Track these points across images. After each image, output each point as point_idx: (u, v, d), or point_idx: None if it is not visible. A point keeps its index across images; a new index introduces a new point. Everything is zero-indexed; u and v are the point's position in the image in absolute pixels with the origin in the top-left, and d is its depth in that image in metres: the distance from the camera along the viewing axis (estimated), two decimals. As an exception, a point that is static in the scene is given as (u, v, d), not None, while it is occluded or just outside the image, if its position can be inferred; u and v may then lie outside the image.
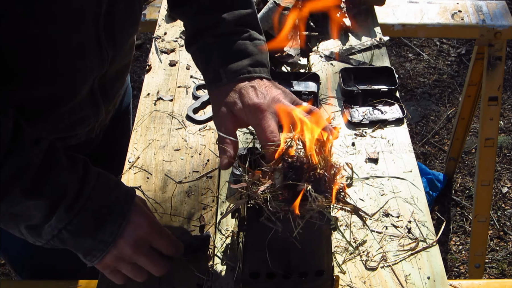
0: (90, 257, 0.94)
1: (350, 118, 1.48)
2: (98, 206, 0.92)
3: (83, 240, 0.92)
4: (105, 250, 0.93)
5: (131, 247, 0.94)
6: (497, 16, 1.99)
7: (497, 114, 2.14)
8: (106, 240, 0.92)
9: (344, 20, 1.77)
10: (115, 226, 0.92)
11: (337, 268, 1.13)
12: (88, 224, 0.91)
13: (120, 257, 0.95)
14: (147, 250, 0.97)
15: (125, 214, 0.94)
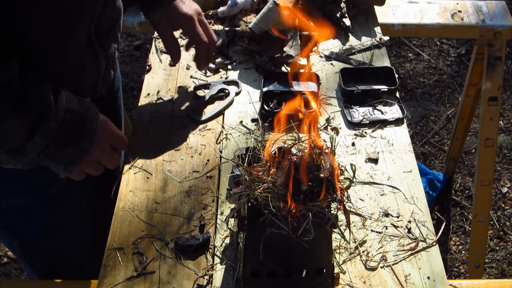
0: (70, 167, 1.07)
1: (350, 118, 1.48)
2: (76, 116, 1.05)
3: (66, 151, 1.05)
4: (84, 156, 1.07)
5: (100, 150, 1.11)
6: (497, 16, 1.99)
7: (497, 114, 2.14)
8: (85, 147, 1.06)
9: (344, 20, 1.78)
10: (91, 132, 1.07)
11: (337, 268, 1.13)
12: (70, 134, 1.04)
13: (92, 160, 1.10)
14: (110, 150, 1.15)
15: (96, 121, 1.08)
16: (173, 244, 1.18)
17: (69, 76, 1.24)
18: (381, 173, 1.34)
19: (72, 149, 1.05)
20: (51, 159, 1.06)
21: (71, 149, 1.05)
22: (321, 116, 1.49)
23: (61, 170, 1.09)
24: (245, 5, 1.75)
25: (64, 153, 1.05)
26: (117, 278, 1.12)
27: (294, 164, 0.93)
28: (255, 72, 1.64)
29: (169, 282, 1.11)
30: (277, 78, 1.58)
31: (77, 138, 1.06)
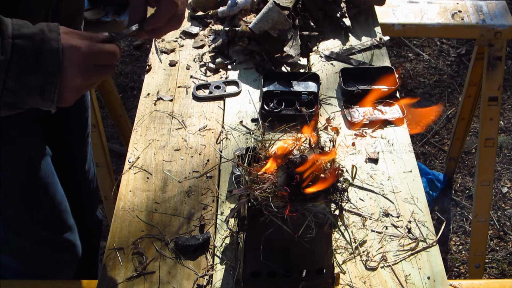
0: (48, 94, 0.96)
1: (350, 118, 1.48)
2: (29, 40, 0.94)
3: (30, 79, 0.94)
4: (56, 81, 0.96)
5: (80, 75, 0.98)
6: (497, 16, 1.99)
7: (497, 114, 2.13)
8: (51, 71, 0.95)
9: (344, 20, 1.78)
10: (53, 52, 0.95)
11: (337, 268, 1.13)
12: (27, 61, 0.94)
13: (77, 87, 0.99)
14: (94, 69, 1.01)
15: (57, 39, 0.96)
16: (173, 244, 1.18)
17: None
18: (381, 173, 1.34)
19: (35, 76, 0.95)
20: (19, 93, 0.95)
21: (34, 76, 0.95)
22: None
23: (41, 102, 0.98)
24: (245, 5, 1.75)
25: (29, 82, 0.95)
26: (117, 278, 1.12)
27: (294, 164, 0.93)
28: (255, 72, 1.64)
29: (169, 282, 1.11)
30: (277, 78, 1.58)
31: (37, 63, 0.95)
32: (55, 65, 0.95)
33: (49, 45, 0.95)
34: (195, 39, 1.76)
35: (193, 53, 1.71)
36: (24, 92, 0.95)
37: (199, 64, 1.67)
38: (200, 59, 1.68)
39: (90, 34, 1.03)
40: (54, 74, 0.96)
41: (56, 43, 0.96)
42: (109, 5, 2.03)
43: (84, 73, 0.99)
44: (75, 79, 0.98)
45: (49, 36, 0.96)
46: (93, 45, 1.00)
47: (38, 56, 0.94)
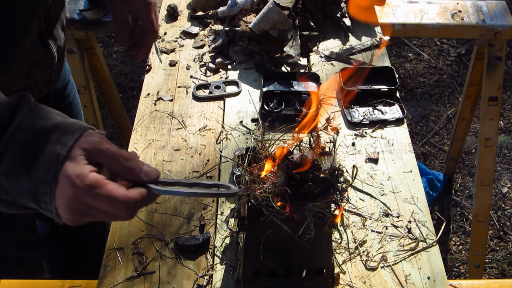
0: (44, 204, 0.77)
1: (350, 118, 1.48)
2: (31, 134, 0.76)
3: (19, 182, 0.76)
4: (50, 192, 0.75)
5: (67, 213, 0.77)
6: (497, 16, 1.99)
7: (497, 114, 2.13)
8: (44, 178, 0.75)
9: (344, 20, 1.78)
10: (51, 157, 0.75)
11: (337, 268, 1.13)
12: (19, 159, 0.75)
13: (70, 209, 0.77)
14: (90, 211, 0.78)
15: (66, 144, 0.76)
16: (173, 244, 1.18)
17: (22, 75, 1.26)
18: (381, 173, 1.34)
19: (26, 180, 0.75)
20: (12, 194, 0.77)
21: (25, 180, 0.75)
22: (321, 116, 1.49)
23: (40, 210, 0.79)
24: (245, 5, 1.75)
25: (18, 186, 0.76)
26: (117, 278, 1.12)
27: (293, 164, 0.93)
28: (255, 72, 1.64)
29: (169, 282, 1.11)
30: (277, 78, 1.58)
31: (30, 166, 0.75)
32: (49, 172, 0.75)
33: (53, 148, 0.75)
34: (195, 39, 1.76)
35: (193, 53, 1.71)
36: (15, 194, 0.77)
37: (199, 64, 1.67)
38: (200, 59, 1.68)
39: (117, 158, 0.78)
40: (47, 183, 0.75)
41: (62, 148, 0.75)
42: (109, 5, 2.03)
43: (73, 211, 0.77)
44: (64, 211, 0.76)
45: (60, 137, 0.76)
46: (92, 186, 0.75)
47: (33, 156, 0.75)
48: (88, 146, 0.77)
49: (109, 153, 0.78)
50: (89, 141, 0.77)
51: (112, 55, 3.65)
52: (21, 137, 0.75)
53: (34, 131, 0.76)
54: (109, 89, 2.43)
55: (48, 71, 1.34)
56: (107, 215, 0.78)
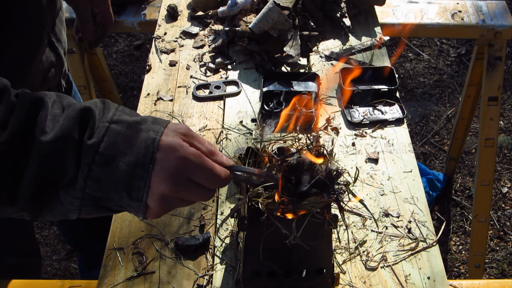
0: (136, 192, 0.80)
1: (350, 118, 1.48)
2: (126, 126, 0.81)
3: (116, 169, 0.79)
4: (145, 176, 0.79)
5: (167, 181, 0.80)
6: (497, 16, 1.99)
7: (497, 114, 2.14)
8: (142, 162, 0.79)
9: (344, 20, 1.78)
10: (148, 142, 0.80)
11: (337, 268, 1.13)
12: (117, 146, 0.79)
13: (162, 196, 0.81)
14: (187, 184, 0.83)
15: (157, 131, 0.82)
16: (173, 244, 1.18)
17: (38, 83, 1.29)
18: (381, 173, 1.34)
19: (123, 165, 0.79)
20: (104, 186, 0.80)
21: (122, 164, 0.79)
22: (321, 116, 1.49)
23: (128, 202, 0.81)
24: (245, 5, 1.75)
25: (115, 173, 0.79)
26: (117, 278, 1.12)
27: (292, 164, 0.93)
28: (255, 72, 1.64)
29: (169, 282, 1.11)
30: (277, 78, 1.58)
31: (127, 150, 0.80)
32: (147, 156, 0.79)
33: (147, 134, 0.81)
34: (195, 39, 1.76)
35: (193, 53, 1.71)
36: (109, 184, 0.80)
37: (199, 64, 1.67)
38: (200, 59, 1.68)
39: (204, 143, 0.86)
40: (145, 167, 0.79)
41: (155, 133, 0.81)
42: (109, 5, 2.03)
43: (173, 181, 0.81)
44: (161, 185, 0.80)
45: (150, 126, 0.82)
46: (197, 155, 0.82)
47: (130, 143, 0.80)
48: (179, 129, 0.84)
49: (197, 136, 0.85)
50: (179, 126, 0.85)
51: (112, 55, 3.65)
52: (116, 129, 0.80)
53: (127, 123, 0.82)
54: (109, 89, 2.43)
55: (58, 75, 1.36)
56: (197, 193, 0.84)
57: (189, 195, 0.83)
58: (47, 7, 1.22)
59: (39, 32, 1.22)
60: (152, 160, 0.79)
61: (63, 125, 0.79)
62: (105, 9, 1.62)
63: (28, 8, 1.15)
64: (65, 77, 1.45)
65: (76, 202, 0.80)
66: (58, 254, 2.60)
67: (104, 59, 2.39)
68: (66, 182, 0.79)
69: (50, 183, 0.79)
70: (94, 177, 0.79)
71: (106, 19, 1.65)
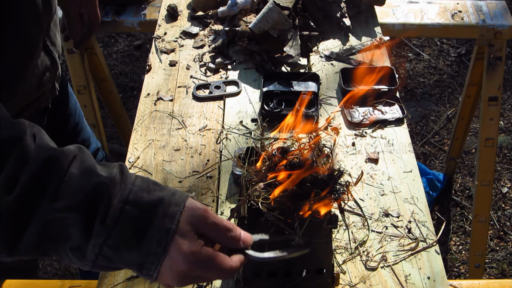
0: (147, 271, 0.80)
1: (350, 118, 1.48)
2: (141, 210, 0.79)
3: (127, 255, 0.78)
4: (157, 262, 0.78)
5: (174, 282, 0.81)
6: (497, 16, 1.99)
7: (497, 114, 2.14)
8: (154, 251, 0.78)
9: (344, 20, 1.78)
10: (163, 232, 0.78)
11: (337, 268, 1.13)
12: (130, 233, 0.78)
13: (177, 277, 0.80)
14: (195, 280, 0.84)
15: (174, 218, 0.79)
16: (173, 244, 1.18)
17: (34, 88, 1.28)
18: (381, 173, 1.34)
19: (135, 253, 0.78)
20: (115, 263, 0.79)
21: (134, 252, 0.78)
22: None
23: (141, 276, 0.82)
24: (245, 5, 1.75)
25: (125, 257, 0.78)
26: (117, 278, 1.12)
27: (291, 164, 0.93)
28: (255, 72, 1.64)
29: (169, 282, 1.11)
30: (277, 78, 1.58)
31: (140, 238, 0.78)
32: (160, 246, 0.78)
33: (162, 222, 0.78)
34: (195, 39, 1.76)
35: (193, 53, 1.71)
36: (119, 263, 0.79)
37: (199, 64, 1.67)
38: (200, 59, 1.69)
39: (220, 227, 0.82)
40: (157, 256, 0.78)
41: (171, 222, 0.78)
42: (109, 5, 2.03)
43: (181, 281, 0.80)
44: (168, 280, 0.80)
45: (166, 211, 0.79)
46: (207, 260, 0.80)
47: (143, 230, 0.78)
48: (195, 220, 0.80)
49: (214, 226, 0.82)
50: (196, 215, 0.81)
51: (112, 55, 3.65)
52: (130, 212, 0.78)
53: (142, 206, 0.78)
54: (109, 89, 2.43)
55: (53, 79, 1.35)
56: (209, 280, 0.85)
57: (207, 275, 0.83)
58: (43, 12, 1.22)
59: (35, 36, 1.21)
60: (165, 250, 0.78)
61: (74, 198, 0.76)
62: (93, 10, 1.64)
63: (25, 13, 1.15)
64: (59, 80, 1.45)
65: (87, 265, 0.80)
66: (58, 254, 2.59)
67: (104, 59, 2.39)
68: (72, 245, 0.78)
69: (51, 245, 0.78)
70: (105, 255, 0.78)
71: (93, 19, 1.66)
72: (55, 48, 1.34)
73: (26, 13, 1.15)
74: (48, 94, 1.37)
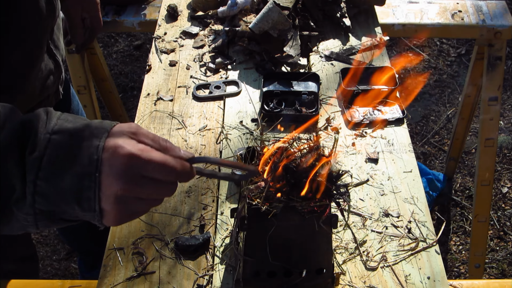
0: (87, 202, 0.77)
1: (350, 118, 1.48)
2: (67, 135, 0.78)
3: (62, 181, 0.76)
4: (93, 186, 0.76)
5: (119, 180, 0.77)
6: (497, 16, 1.99)
7: (497, 114, 2.13)
8: (87, 171, 0.76)
9: (344, 20, 1.78)
10: (90, 149, 0.77)
11: (337, 268, 1.13)
12: (59, 157, 0.77)
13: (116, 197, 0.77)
14: (142, 180, 0.78)
15: (100, 137, 0.78)
16: (173, 244, 1.18)
17: (37, 91, 1.28)
18: (381, 173, 1.34)
19: (68, 177, 0.76)
20: (53, 199, 0.77)
21: (66, 176, 0.76)
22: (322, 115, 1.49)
23: (81, 213, 0.79)
24: (245, 5, 1.75)
25: (61, 185, 0.76)
26: (117, 278, 1.12)
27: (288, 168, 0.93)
28: (255, 72, 1.64)
29: (169, 282, 1.11)
30: (277, 78, 1.58)
31: (70, 161, 0.77)
32: (92, 164, 0.76)
33: (89, 142, 0.77)
34: (195, 39, 1.76)
35: (193, 53, 1.71)
36: (57, 198, 0.77)
37: (199, 64, 1.67)
38: (200, 59, 1.68)
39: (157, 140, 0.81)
40: (91, 176, 0.76)
41: (98, 140, 0.77)
42: (109, 5, 2.03)
43: (124, 180, 0.76)
44: (113, 186, 0.76)
45: (93, 132, 0.78)
46: (145, 150, 0.78)
47: (72, 153, 0.77)
48: (127, 128, 0.80)
49: (148, 133, 0.81)
50: (127, 126, 0.80)
51: (112, 55, 3.65)
52: (57, 140, 0.77)
53: (68, 132, 0.78)
54: (109, 89, 2.43)
55: (56, 82, 1.35)
56: (154, 188, 0.79)
57: (145, 192, 0.79)
58: (48, 16, 1.22)
59: (39, 40, 1.21)
60: (97, 167, 0.76)
61: (1, 141, 0.76)
62: (95, 14, 1.64)
63: (29, 17, 1.15)
64: (63, 83, 1.45)
65: (30, 218, 0.78)
66: (58, 254, 2.60)
67: (104, 59, 2.39)
68: (15, 198, 0.77)
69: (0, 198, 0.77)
70: (41, 192, 0.76)
71: (95, 23, 1.67)
72: (59, 51, 1.35)
73: (31, 16, 1.15)
74: (52, 97, 1.38)
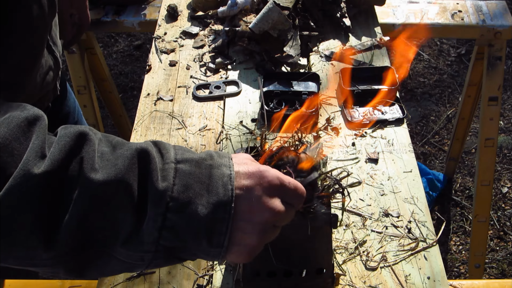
0: (217, 237, 0.72)
1: (350, 118, 1.48)
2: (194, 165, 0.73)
3: (196, 212, 0.70)
4: (227, 217, 0.71)
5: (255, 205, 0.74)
6: (497, 16, 1.99)
7: (497, 114, 2.14)
8: (222, 201, 0.72)
9: (344, 20, 1.78)
10: (224, 179, 0.73)
11: (337, 268, 1.13)
12: (192, 187, 0.71)
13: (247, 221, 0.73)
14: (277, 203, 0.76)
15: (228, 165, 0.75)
16: (173, 244, 1.18)
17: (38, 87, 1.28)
18: (381, 173, 1.34)
19: (202, 207, 0.71)
20: (182, 234, 0.70)
21: (201, 207, 0.71)
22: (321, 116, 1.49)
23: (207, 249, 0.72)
24: (245, 5, 1.75)
25: (194, 216, 0.70)
26: (117, 278, 1.12)
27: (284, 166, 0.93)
28: (255, 72, 1.64)
29: (169, 282, 1.11)
30: (277, 78, 1.59)
31: (204, 190, 0.71)
32: (227, 194, 0.71)
33: (220, 171, 0.73)
34: (195, 39, 1.76)
35: (193, 53, 1.71)
36: (187, 231, 0.70)
37: (199, 64, 1.67)
38: (200, 59, 1.69)
39: None
40: (226, 207, 0.71)
41: (228, 168, 0.74)
42: (109, 5, 2.03)
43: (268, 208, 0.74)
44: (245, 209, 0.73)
45: (219, 161, 0.75)
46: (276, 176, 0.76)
47: (204, 183, 0.72)
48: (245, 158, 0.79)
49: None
50: (243, 156, 0.79)
51: (112, 55, 3.66)
52: (185, 169, 0.72)
53: (194, 161, 0.74)
54: (109, 89, 2.43)
55: (55, 78, 1.36)
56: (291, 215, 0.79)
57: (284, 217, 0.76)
58: (49, 12, 1.22)
59: (41, 37, 1.22)
60: (232, 198, 0.71)
61: (116, 164, 0.68)
62: (83, 11, 1.64)
63: (33, 14, 1.15)
64: (59, 79, 1.45)
65: (147, 256, 0.71)
66: (58, 254, 2.59)
67: (104, 59, 2.39)
68: (124, 237, 0.68)
69: (96, 233, 0.67)
70: (170, 226, 0.69)
71: (83, 20, 1.67)
72: (57, 47, 1.35)
73: (34, 12, 1.16)
74: (51, 94, 1.38)
